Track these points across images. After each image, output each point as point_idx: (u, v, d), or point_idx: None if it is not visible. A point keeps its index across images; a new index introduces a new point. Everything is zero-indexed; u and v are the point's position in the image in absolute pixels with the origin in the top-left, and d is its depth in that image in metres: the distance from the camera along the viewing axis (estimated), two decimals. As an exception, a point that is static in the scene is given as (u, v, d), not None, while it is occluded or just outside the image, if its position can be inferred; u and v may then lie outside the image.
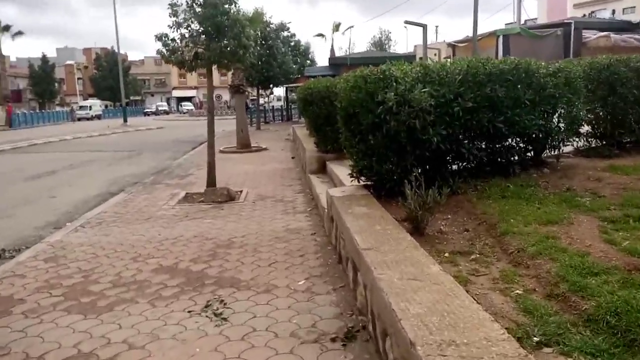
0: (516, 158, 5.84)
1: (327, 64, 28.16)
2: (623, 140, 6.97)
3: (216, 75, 10.95)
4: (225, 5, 8.00)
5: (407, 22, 19.73)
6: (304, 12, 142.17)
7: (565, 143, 6.16)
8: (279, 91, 42.78)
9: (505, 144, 5.71)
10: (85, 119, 52.09)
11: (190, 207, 7.56)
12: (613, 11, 29.98)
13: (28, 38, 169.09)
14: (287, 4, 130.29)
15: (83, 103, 59.74)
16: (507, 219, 4.02)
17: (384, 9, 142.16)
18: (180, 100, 75.12)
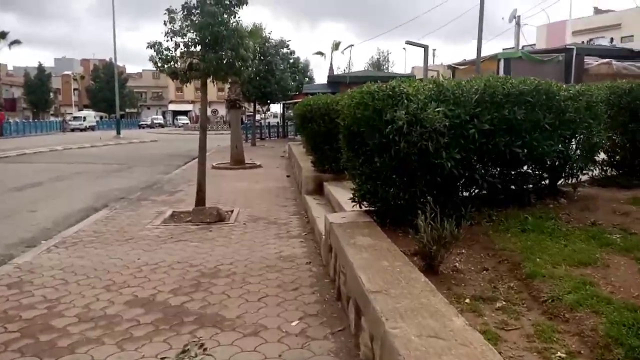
0: (531, 186, 5.40)
1: (326, 82, 27.86)
2: (642, 169, 6.54)
3: (213, 89, 10.53)
4: (224, 15, 7.59)
5: (408, 43, 19.44)
6: (304, 33, 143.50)
7: (583, 172, 5.72)
8: (276, 107, 42.57)
9: (520, 171, 5.27)
10: (78, 130, 51.35)
11: (175, 228, 7.00)
12: (611, 39, 30.07)
13: (29, 48, 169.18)
14: (287, 24, 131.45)
15: (77, 114, 58.93)
16: (532, 258, 3.53)
17: (381, 32, 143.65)
18: (176, 113, 74.80)
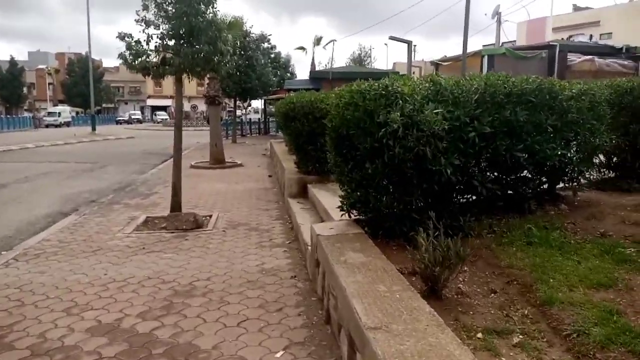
0: (530, 191, 5.05)
1: (308, 78, 27.36)
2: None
3: (193, 84, 9.98)
4: (200, 4, 7.03)
5: (392, 38, 19.12)
6: (284, 27, 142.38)
7: (584, 176, 5.41)
8: (257, 103, 41.90)
9: (519, 176, 4.92)
10: (53, 126, 49.77)
11: (148, 236, 6.48)
12: (590, 36, 30.32)
13: (1, 41, 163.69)
14: (267, 18, 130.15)
15: (52, 109, 57.09)
16: (545, 279, 3.16)
17: (362, 27, 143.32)
18: (155, 109, 73.18)
